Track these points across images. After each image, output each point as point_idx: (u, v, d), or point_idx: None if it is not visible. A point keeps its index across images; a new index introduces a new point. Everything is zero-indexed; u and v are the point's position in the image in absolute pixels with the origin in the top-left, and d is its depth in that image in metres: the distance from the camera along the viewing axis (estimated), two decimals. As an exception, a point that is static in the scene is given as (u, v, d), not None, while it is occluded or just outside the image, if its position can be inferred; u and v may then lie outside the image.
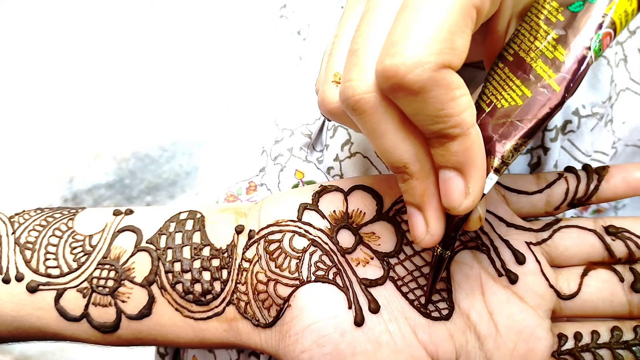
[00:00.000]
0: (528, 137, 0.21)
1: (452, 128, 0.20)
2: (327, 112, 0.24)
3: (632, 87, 0.32)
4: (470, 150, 0.20)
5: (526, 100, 0.21)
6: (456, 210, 0.21)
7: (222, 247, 0.28)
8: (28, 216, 0.30)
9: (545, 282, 0.27)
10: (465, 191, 0.21)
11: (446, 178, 0.21)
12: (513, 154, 0.21)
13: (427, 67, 0.18)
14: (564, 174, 0.28)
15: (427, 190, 0.22)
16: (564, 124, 0.31)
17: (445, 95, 0.19)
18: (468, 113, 0.20)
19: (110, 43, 1.07)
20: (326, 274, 0.27)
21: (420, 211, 0.23)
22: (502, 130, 0.22)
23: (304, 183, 0.33)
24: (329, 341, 0.25)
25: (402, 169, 0.22)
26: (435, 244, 0.23)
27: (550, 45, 0.21)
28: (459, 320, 0.26)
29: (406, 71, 0.18)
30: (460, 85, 0.19)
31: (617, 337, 0.26)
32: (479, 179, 0.21)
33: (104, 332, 0.28)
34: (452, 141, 0.20)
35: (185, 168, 0.95)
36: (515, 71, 0.22)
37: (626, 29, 0.32)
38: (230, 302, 0.27)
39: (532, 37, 0.22)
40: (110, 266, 0.28)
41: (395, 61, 0.19)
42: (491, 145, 0.22)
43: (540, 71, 0.21)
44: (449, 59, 0.19)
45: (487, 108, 0.22)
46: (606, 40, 0.21)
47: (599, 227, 0.28)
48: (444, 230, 0.23)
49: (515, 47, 0.22)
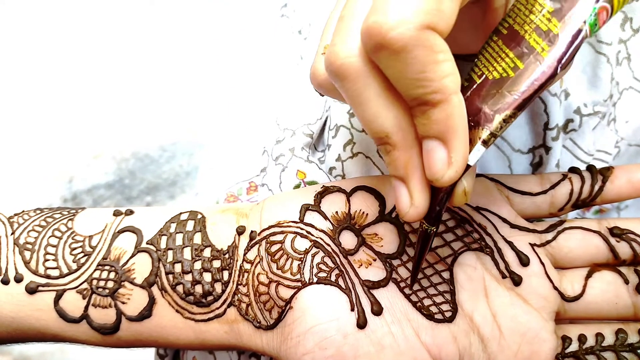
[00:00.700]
0: (518, 109, 0.21)
1: (433, 93, 0.19)
2: (317, 84, 0.24)
3: (635, 85, 0.32)
4: (452, 117, 0.20)
5: (518, 72, 0.21)
6: (439, 182, 0.21)
7: (223, 248, 0.28)
8: (27, 216, 0.30)
9: (549, 284, 0.27)
10: (448, 161, 0.20)
11: (428, 148, 0.21)
12: (502, 126, 0.21)
13: (410, 25, 0.18)
14: (568, 175, 0.28)
15: (410, 161, 0.21)
16: (565, 123, 0.31)
17: (427, 57, 0.19)
18: (450, 79, 0.19)
19: (110, 43, 1.07)
20: (328, 275, 0.26)
21: (404, 183, 0.22)
22: (492, 101, 0.21)
23: (305, 183, 0.33)
24: (331, 343, 0.25)
25: (384, 139, 0.21)
26: (420, 217, 0.22)
27: (545, 18, 0.21)
28: (463, 322, 0.26)
29: (389, 28, 0.18)
30: (444, 50, 0.19)
31: (621, 339, 0.26)
32: (462, 148, 0.20)
33: (103, 334, 0.28)
34: (433, 108, 0.20)
35: (185, 168, 0.95)
36: (508, 44, 0.22)
37: (630, 27, 0.31)
38: (231, 304, 0.27)
39: (528, 10, 0.22)
40: (110, 267, 0.28)
41: (379, 19, 0.19)
42: (480, 116, 0.21)
43: (533, 43, 0.21)
44: (434, 20, 0.18)
45: (478, 80, 0.22)
46: (602, 16, 0.20)
47: (603, 228, 0.28)
48: (429, 203, 0.22)
49: (510, 21, 0.22)
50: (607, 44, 0.31)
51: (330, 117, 0.33)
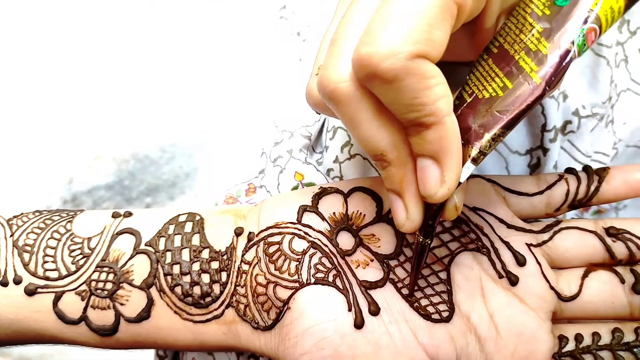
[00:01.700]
0: (507, 129, 0.21)
1: (427, 117, 0.20)
2: (313, 104, 0.24)
3: (633, 87, 0.32)
4: (445, 138, 0.20)
5: (507, 92, 0.21)
6: (432, 199, 0.22)
7: (221, 249, 0.28)
8: (26, 219, 0.30)
9: (545, 283, 0.27)
10: (441, 179, 0.21)
11: (422, 166, 0.21)
12: (491, 144, 0.21)
13: (401, 56, 0.19)
14: (565, 176, 0.28)
15: (405, 177, 0.22)
16: (563, 125, 0.31)
17: (419, 84, 0.19)
18: (443, 102, 0.20)
19: (109, 44, 1.07)
20: (326, 276, 0.26)
21: (400, 197, 0.23)
22: (481, 121, 0.22)
23: (303, 185, 0.33)
24: (328, 344, 0.25)
25: (380, 156, 0.22)
26: (415, 229, 0.23)
27: (535, 38, 0.21)
28: (460, 322, 0.26)
29: (380, 59, 0.19)
30: (436, 75, 0.19)
31: (618, 338, 0.26)
32: (455, 167, 0.21)
33: (102, 335, 0.28)
34: (427, 130, 0.20)
35: (185, 169, 0.95)
36: (498, 63, 0.22)
37: (627, 30, 0.32)
38: (230, 305, 0.27)
39: (518, 30, 0.22)
40: (108, 269, 0.28)
41: (370, 49, 0.19)
42: (470, 135, 0.22)
43: (522, 63, 0.21)
44: (424, 49, 0.19)
45: (468, 98, 0.22)
46: (590, 36, 0.21)
47: (599, 228, 0.28)
48: (423, 216, 0.23)
49: (501, 40, 0.23)
50: (607, 46, 0.31)
51: (328, 119, 0.33)
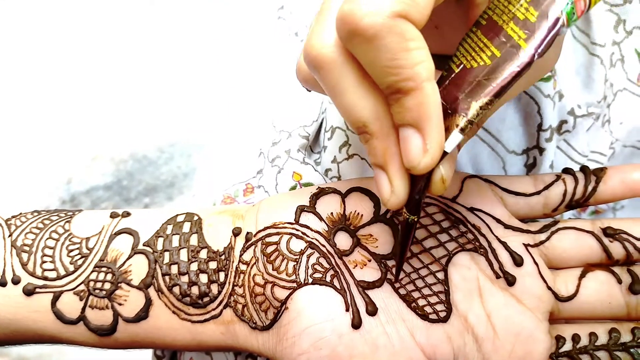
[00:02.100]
0: (495, 97, 0.21)
1: (405, 81, 0.20)
2: (302, 79, 0.24)
3: (629, 87, 0.32)
4: (425, 105, 0.20)
5: (495, 60, 0.21)
6: (416, 169, 0.21)
7: (219, 249, 0.28)
8: (25, 219, 0.30)
9: (543, 284, 0.27)
10: (424, 148, 0.21)
11: (404, 136, 0.21)
12: (479, 113, 0.21)
13: (382, 13, 0.19)
14: (562, 176, 0.28)
15: (388, 149, 0.22)
16: (559, 124, 0.31)
17: (398, 44, 0.19)
18: (422, 67, 0.20)
19: (108, 44, 1.07)
20: (323, 276, 0.26)
21: (384, 171, 0.22)
22: (469, 90, 0.21)
23: (301, 185, 0.33)
24: (326, 344, 0.25)
25: (362, 128, 0.22)
26: (401, 205, 0.23)
27: (523, 8, 0.21)
28: (457, 323, 0.26)
29: (362, 16, 0.19)
30: (416, 38, 0.19)
31: (615, 339, 0.26)
32: (437, 135, 0.21)
33: (100, 335, 0.28)
34: (406, 96, 0.20)
35: (183, 170, 0.95)
36: (487, 33, 0.22)
37: (623, 29, 0.32)
38: (228, 305, 0.27)
39: (507, 1, 0.22)
40: (107, 269, 0.28)
41: (353, 6, 0.19)
42: (457, 104, 0.22)
43: (511, 32, 0.21)
44: (406, 9, 0.19)
45: (456, 69, 0.22)
46: (579, 5, 0.21)
47: (597, 228, 0.28)
48: (409, 190, 0.22)
49: (490, 12, 0.23)
50: (601, 45, 0.31)
51: (326, 118, 0.33)
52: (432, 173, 0.22)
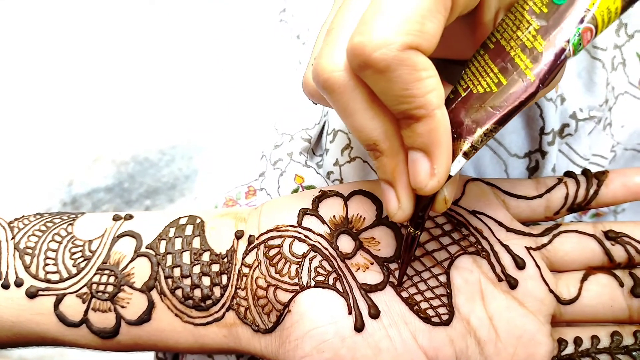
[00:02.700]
0: (499, 124, 0.21)
1: (417, 109, 0.20)
2: (309, 94, 0.25)
3: (630, 90, 0.32)
4: (435, 131, 0.21)
5: (501, 88, 0.21)
6: (422, 191, 0.22)
7: (221, 252, 0.28)
8: (27, 221, 0.30)
9: (545, 287, 0.27)
10: (431, 172, 0.21)
11: (413, 159, 0.22)
12: (483, 139, 0.22)
13: (393, 46, 0.19)
14: (564, 179, 0.29)
15: (397, 167, 0.22)
16: (561, 128, 0.31)
17: (409, 75, 0.19)
18: (434, 95, 0.20)
19: (109, 46, 1.07)
20: (326, 279, 0.26)
21: (392, 187, 0.23)
22: (474, 116, 0.22)
23: (303, 188, 0.33)
24: (329, 347, 0.25)
25: (372, 146, 0.22)
26: (407, 219, 0.23)
27: (531, 36, 0.21)
28: (459, 325, 0.26)
29: (373, 49, 0.19)
30: (428, 67, 0.20)
31: (617, 342, 0.26)
32: (444, 160, 0.21)
33: (103, 338, 0.28)
34: (418, 122, 0.20)
35: (185, 172, 0.95)
36: (494, 59, 0.22)
37: (624, 33, 0.32)
38: (230, 308, 0.27)
39: (515, 26, 0.22)
40: (109, 271, 0.28)
41: (364, 39, 0.19)
42: (462, 129, 0.22)
43: (518, 60, 0.21)
44: (416, 41, 0.19)
45: (463, 93, 0.23)
46: (586, 36, 0.21)
47: (598, 231, 0.28)
48: (414, 206, 0.23)
49: (498, 36, 0.23)
50: (602, 49, 0.31)
51: (328, 121, 0.33)
52: (436, 193, 0.23)
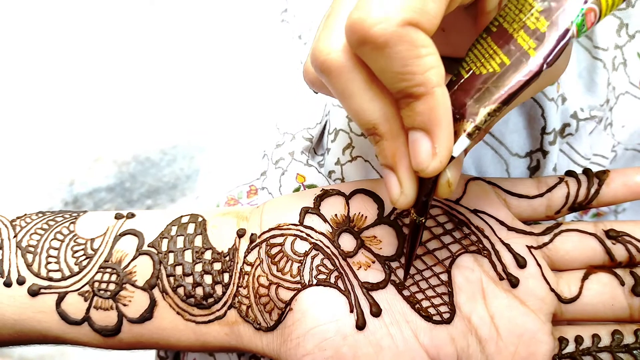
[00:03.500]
0: (503, 104, 0.21)
1: (416, 87, 0.20)
2: (309, 81, 0.24)
3: (631, 90, 0.32)
4: (435, 109, 0.20)
5: (504, 68, 0.21)
6: (425, 172, 0.21)
7: (223, 250, 0.28)
8: (30, 220, 0.30)
9: (546, 285, 0.27)
10: (432, 152, 0.21)
11: (414, 139, 0.21)
12: (487, 119, 0.21)
13: (392, 21, 0.19)
14: (565, 178, 0.29)
15: (397, 150, 0.22)
16: (562, 127, 0.31)
17: (409, 52, 0.19)
18: (433, 72, 0.20)
19: (110, 46, 1.07)
20: (328, 277, 0.27)
21: (394, 172, 0.23)
22: (478, 96, 0.22)
23: (305, 187, 0.33)
24: (330, 345, 0.25)
25: (372, 130, 0.22)
26: (410, 204, 0.23)
27: (534, 17, 0.21)
28: (461, 324, 0.27)
29: (372, 24, 0.19)
30: (427, 44, 0.19)
31: (617, 340, 0.26)
32: (446, 139, 0.21)
33: (105, 336, 0.28)
34: (417, 100, 0.20)
35: (186, 171, 0.96)
36: (497, 41, 0.22)
37: (626, 33, 0.32)
38: (232, 306, 0.27)
39: (518, 10, 0.22)
40: (111, 270, 0.28)
41: (363, 14, 0.19)
42: (465, 109, 0.22)
43: (521, 41, 0.21)
44: (416, 17, 0.19)
45: (465, 75, 0.23)
46: (590, 17, 0.21)
47: (599, 230, 0.28)
48: (417, 191, 0.23)
49: (501, 20, 0.23)
50: (604, 49, 0.31)
51: (330, 121, 0.33)
52: (439, 176, 0.22)
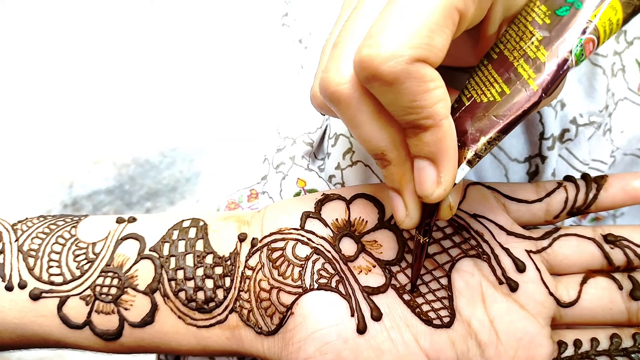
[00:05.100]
0: (503, 133, 0.22)
1: (425, 119, 0.20)
2: (317, 106, 0.25)
3: (630, 96, 0.32)
4: (442, 141, 0.21)
5: (504, 97, 0.22)
6: (429, 199, 0.22)
7: (225, 255, 0.28)
8: (31, 224, 0.30)
9: (545, 290, 0.27)
10: (437, 180, 0.22)
11: (420, 167, 0.22)
12: (486, 147, 0.22)
13: (401, 59, 0.19)
14: (563, 183, 0.29)
15: (404, 175, 0.23)
16: (561, 133, 0.31)
17: (418, 87, 0.20)
18: (441, 105, 0.20)
19: (110, 47, 1.07)
20: (329, 281, 0.27)
21: (400, 195, 0.24)
22: (478, 124, 0.22)
23: (305, 191, 0.33)
24: (331, 349, 0.26)
25: (380, 155, 0.23)
26: (415, 226, 0.24)
27: (534, 46, 0.22)
28: (460, 328, 0.27)
29: (381, 62, 0.19)
30: (435, 79, 0.20)
31: (616, 344, 0.27)
32: (451, 169, 0.22)
33: (106, 340, 0.28)
34: (425, 132, 0.21)
35: (186, 174, 0.96)
36: (498, 69, 0.23)
37: (624, 40, 0.32)
38: (233, 310, 0.27)
39: (519, 37, 0.22)
40: (113, 274, 0.28)
41: (372, 52, 0.19)
42: (466, 137, 0.22)
43: (521, 70, 0.22)
44: (424, 54, 0.19)
45: (467, 102, 0.23)
46: (588, 46, 0.21)
47: (598, 235, 0.28)
48: (421, 213, 0.24)
49: (501, 47, 0.23)
50: (603, 56, 0.31)
51: (330, 126, 0.33)
52: (442, 201, 0.23)
